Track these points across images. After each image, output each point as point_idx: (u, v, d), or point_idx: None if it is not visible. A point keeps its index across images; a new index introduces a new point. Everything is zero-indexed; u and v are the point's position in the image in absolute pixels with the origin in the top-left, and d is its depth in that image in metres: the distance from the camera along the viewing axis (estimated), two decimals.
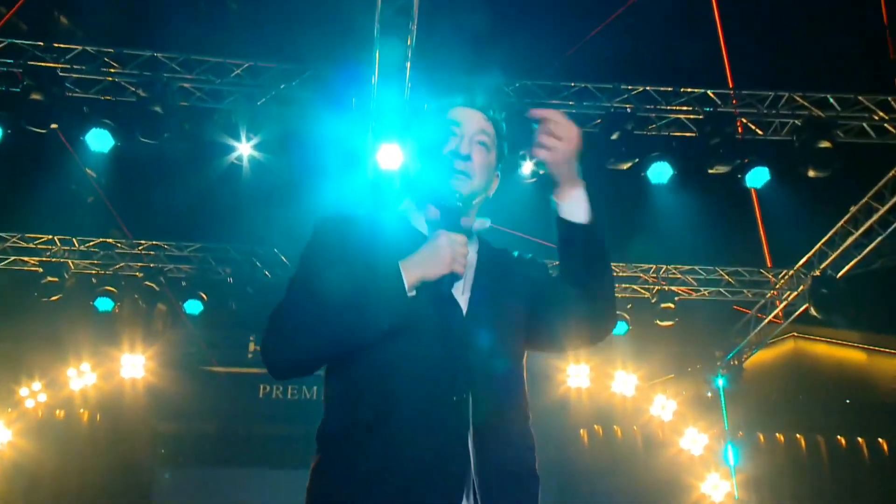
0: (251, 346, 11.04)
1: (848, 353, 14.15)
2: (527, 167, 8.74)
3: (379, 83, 8.54)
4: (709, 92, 9.02)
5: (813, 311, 10.65)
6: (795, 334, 14.11)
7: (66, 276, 9.79)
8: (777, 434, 12.59)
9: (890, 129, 9.13)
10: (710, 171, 8.68)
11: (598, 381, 11.88)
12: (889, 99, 8.98)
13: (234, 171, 9.04)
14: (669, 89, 8.96)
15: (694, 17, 10.20)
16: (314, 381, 10.73)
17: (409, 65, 8.15)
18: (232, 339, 10.99)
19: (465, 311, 1.99)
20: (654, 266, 11.35)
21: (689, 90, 8.96)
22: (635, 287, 11.54)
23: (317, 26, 9.42)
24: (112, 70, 8.33)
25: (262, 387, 10.92)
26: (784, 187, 9.33)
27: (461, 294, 2.01)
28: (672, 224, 10.06)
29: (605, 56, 9.75)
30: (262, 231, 10.14)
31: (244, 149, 8.36)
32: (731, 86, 9.03)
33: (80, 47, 8.27)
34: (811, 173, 8.72)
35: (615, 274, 11.31)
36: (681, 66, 9.56)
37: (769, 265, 11.64)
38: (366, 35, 8.31)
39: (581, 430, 11.99)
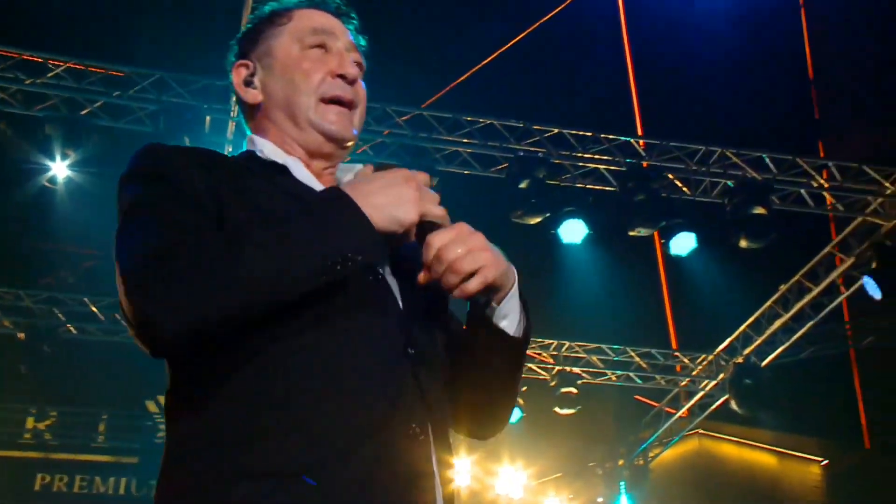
0: (29, 424, 9.89)
1: (758, 456, 14.15)
2: None
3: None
4: (633, 141, 8.98)
5: (734, 405, 10.39)
6: (700, 431, 13.97)
7: None
8: None
9: (829, 198, 9.01)
10: (630, 233, 8.63)
11: (481, 479, 11.54)
12: (830, 164, 8.88)
13: (45, 197, 8.37)
14: (588, 134, 8.90)
15: (607, 58, 10.21)
16: (110, 470, 9.71)
17: None
18: (7, 413, 9.97)
19: (399, 304, 1.78)
20: (556, 342, 11.24)
21: (610, 137, 8.90)
22: (532, 367, 11.27)
23: (170, 28, 9.16)
24: None
25: (39, 477, 9.86)
26: (710, 257, 9.45)
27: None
28: (580, 293, 10.24)
29: (516, 91, 9.68)
30: (70, 274, 9.23)
31: (58, 169, 7.95)
32: (641, 135, 9.05)
33: None
34: (743, 243, 8.64)
35: None
36: (601, 110, 9.89)
37: (674, 347, 11.71)
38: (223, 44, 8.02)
39: None
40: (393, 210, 1.70)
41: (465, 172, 8.74)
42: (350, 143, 2.00)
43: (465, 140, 8.69)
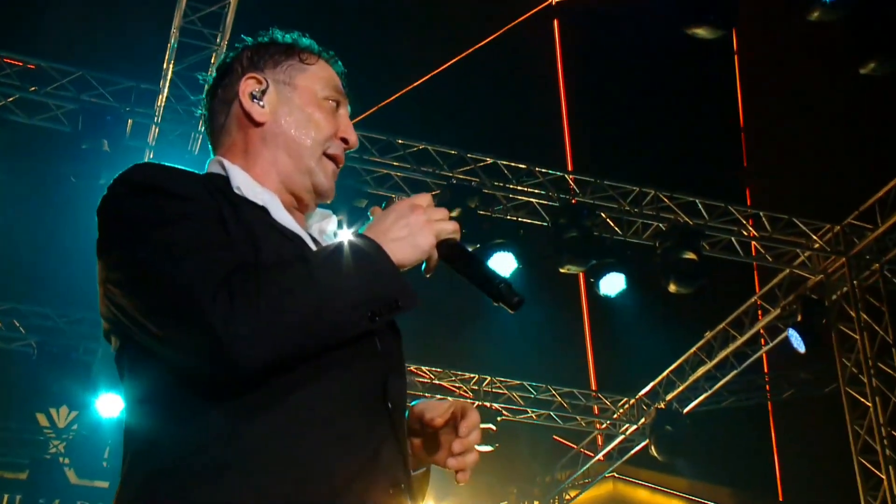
0: None
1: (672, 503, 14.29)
2: None
3: (165, 109, 8.20)
4: (567, 176, 9.18)
5: (653, 451, 10.55)
6: (616, 474, 14.09)
7: None
8: None
9: (758, 248, 9.28)
10: (560, 270, 8.78)
11: None
12: (761, 214, 9.16)
13: None
14: (522, 167, 9.07)
15: (542, 88, 10.40)
16: None
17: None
18: None
19: (378, 345, 1.81)
20: (477, 377, 11.25)
21: (544, 171, 9.08)
22: (451, 400, 11.07)
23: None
24: None
25: None
26: (637, 299, 9.45)
27: None
28: (505, 326, 10.07)
29: (451, 116, 10.04)
30: None
31: None
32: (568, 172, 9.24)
33: None
34: (672, 288, 8.84)
35: (428, 380, 11.02)
36: (535, 142, 10.18)
37: (595, 388, 11.78)
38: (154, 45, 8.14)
39: None
40: (412, 240, 1.76)
41: (395, 197, 8.75)
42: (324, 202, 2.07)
43: (396, 163, 8.76)
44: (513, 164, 8.99)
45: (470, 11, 10.08)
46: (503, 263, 8.64)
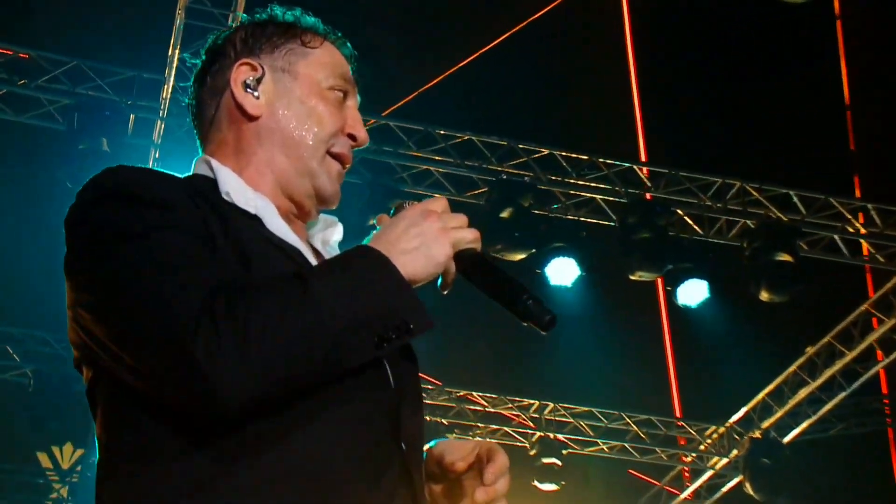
0: None
1: None
2: None
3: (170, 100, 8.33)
4: (637, 168, 9.08)
5: (748, 488, 10.45)
6: None
7: None
8: None
9: (868, 246, 9.11)
10: (630, 277, 8.73)
11: None
12: (870, 207, 9.00)
13: None
14: (584, 158, 9.01)
15: (608, 67, 10.34)
16: None
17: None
18: None
19: (391, 379, 1.82)
20: (537, 403, 11.19)
21: (609, 162, 8.99)
22: (508, 431, 11.21)
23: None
24: None
25: None
26: (724, 310, 9.39)
27: None
28: (569, 345, 10.06)
29: (499, 103, 10.08)
30: None
31: None
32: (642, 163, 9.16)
33: None
34: (764, 296, 8.70)
35: (481, 408, 11.11)
36: (599, 130, 10.06)
37: (679, 415, 11.72)
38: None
39: None
40: (426, 251, 1.76)
41: (437, 196, 8.81)
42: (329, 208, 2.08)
43: (437, 157, 8.80)
44: (573, 154, 8.96)
45: None
46: (563, 271, 8.70)
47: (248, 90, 1.99)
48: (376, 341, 1.65)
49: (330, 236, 2.10)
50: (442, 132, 8.79)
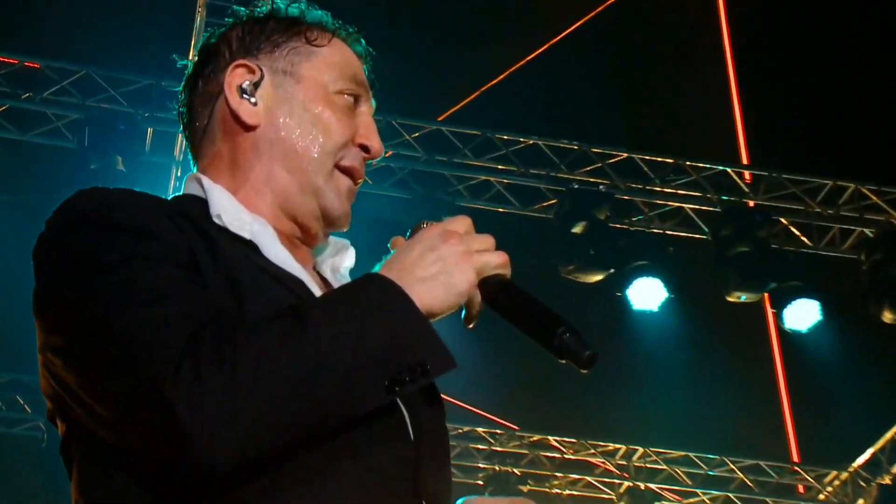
0: None
1: None
2: None
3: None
4: (732, 171, 9.04)
5: None
6: None
7: None
8: None
9: None
10: (727, 299, 8.71)
11: None
12: None
13: None
14: (669, 161, 9.02)
15: (697, 53, 10.34)
16: None
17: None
18: None
19: (410, 433, 1.82)
20: (625, 448, 11.11)
21: (700, 165, 8.97)
22: (591, 480, 11.20)
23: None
24: None
25: None
26: (840, 334, 9.35)
27: None
28: (659, 380, 10.16)
29: (567, 101, 10.08)
30: None
31: None
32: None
33: None
34: (888, 316, 8.64)
35: (559, 455, 11.09)
36: (688, 128, 10.00)
37: (796, 460, 11.59)
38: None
39: None
40: (446, 279, 1.76)
41: (499, 210, 8.92)
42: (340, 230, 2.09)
43: (499, 166, 8.85)
44: (656, 157, 8.98)
45: None
46: (648, 293, 8.71)
47: (245, 96, 2.01)
48: (387, 385, 1.63)
49: (341, 262, 2.11)
50: (503, 137, 8.82)
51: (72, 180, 8.12)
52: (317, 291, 1.90)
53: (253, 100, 2.00)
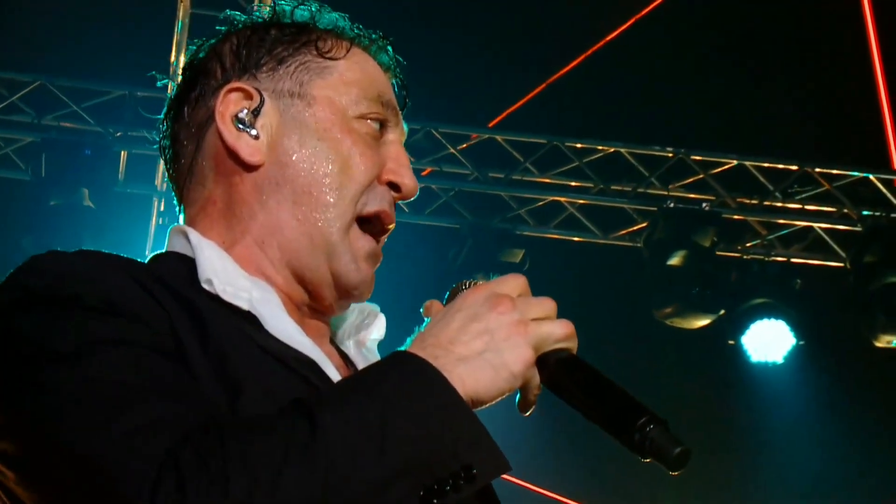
0: None
1: None
2: None
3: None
4: (875, 178, 8.84)
5: None
6: None
7: None
8: None
9: None
10: (875, 344, 8.50)
11: None
12: None
13: None
14: (792, 168, 8.83)
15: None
16: None
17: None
18: None
19: None
20: None
21: (834, 172, 8.76)
22: None
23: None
24: None
25: None
26: None
27: None
28: (790, 448, 10.02)
29: (657, 101, 9.91)
30: None
31: None
32: None
33: None
34: None
35: None
36: (819, 124, 9.76)
37: None
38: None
39: None
40: (495, 358, 1.77)
41: (574, 240, 8.81)
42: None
43: (572, 183, 8.73)
44: (775, 165, 8.81)
45: None
46: (771, 340, 8.64)
47: (242, 127, 2.00)
48: (422, 495, 1.65)
49: (367, 335, 2.15)
50: (576, 145, 8.65)
51: (26, 220, 8.12)
52: (335, 375, 1.93)
53: (253, 132, 2.00)
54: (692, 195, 8.66)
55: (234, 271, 1.96)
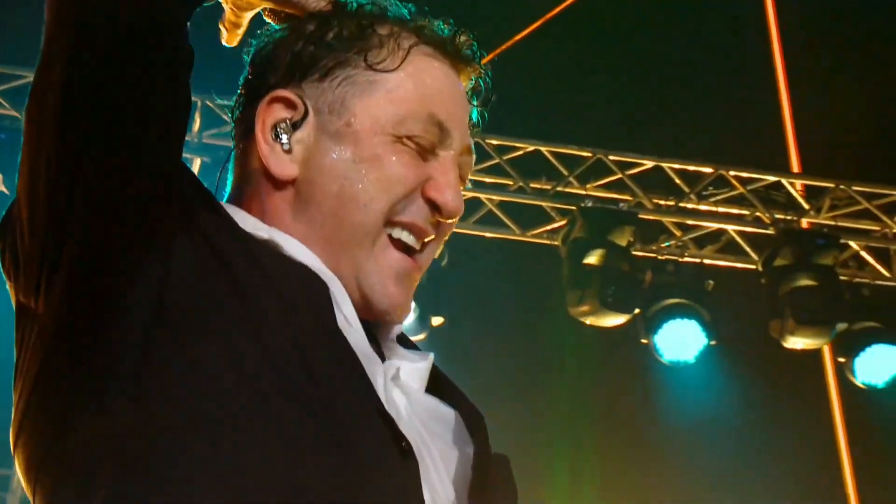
0: None
1: None
2: None
3: None
4: (787, 182, 8.94)
5: None
6: None
7: None
8: None
9: None
10: (784, 345, 8.67)
11: None
12: None
13: None
14: (707, 170, 8.87)
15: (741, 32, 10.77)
16: None
17: None
18: None
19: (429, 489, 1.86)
20: None
21: (745, 175, 8.90)
22: None
23: None
24: None
25: None
26: None
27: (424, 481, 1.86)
28: (696, 445, 10.19)
29: (577, 100, 10.01)
30: None
31: None
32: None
33: None
34: None
35: None
36: (727, 134, 9.91)
37: None
38: None
39: None
40: None
41: (488, 236, 8.82)
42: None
43: (487, 179, 8.74)
44: (690, 167, 8.87)
45: None
46: (682, 340, 8.62)
47: (278, 138, 1.98)
48: None
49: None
50: (494, 142, 8.66)
51: None
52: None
53: (287, 146, 1.98)
54: (610, 195, 8.71)
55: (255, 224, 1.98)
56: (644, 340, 8.65)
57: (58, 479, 1.81)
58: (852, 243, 8.86)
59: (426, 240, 2.02)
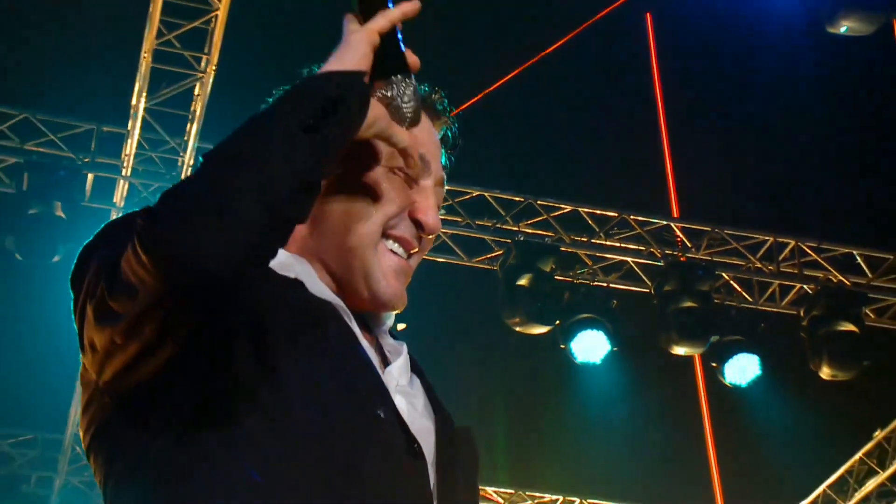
0: None
1: None
2: None
3: None
4: (674, 225, 9.10)
5: None
6: None
7: None
8: None
9: None
10: (671, 352, 8.76)
11: None
12: None
13: None
14: (612, 215, 9.00)
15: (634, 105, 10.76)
16: None
17: None
18: None
19: (432, 482, 1.88)
20: (562, 498, 11.11)
21: (642, 219, 9.07)
22: None
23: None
24: None
25: None
26: (778, 389, 9.45)
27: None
28: (598, 431, 10.26)
29: (513, 152, 10.09)
30: None
31: None
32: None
33: None
34: (826, 372, 8.63)
35: None
36: (626, 185, 10.11)
37: None
38: None
39: None
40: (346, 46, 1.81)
41: (441, 260, 8.83)
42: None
43: (443, 217, 8.66)
44: (599, 211, 8.97)
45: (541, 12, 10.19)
46: (592, 346, 8.65)
47: None
48: (299, 124, 1.66)
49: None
50: (448, 188, 8.62)
51: (7, 226, 8.03)
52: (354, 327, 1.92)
53: None
54: (538, 231, 8.81)
55: (283, 255, 1.93)
56: (562, 346, 8.68)
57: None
58: (724, 274, 8.97)
59: (412, 252, 2.03)
